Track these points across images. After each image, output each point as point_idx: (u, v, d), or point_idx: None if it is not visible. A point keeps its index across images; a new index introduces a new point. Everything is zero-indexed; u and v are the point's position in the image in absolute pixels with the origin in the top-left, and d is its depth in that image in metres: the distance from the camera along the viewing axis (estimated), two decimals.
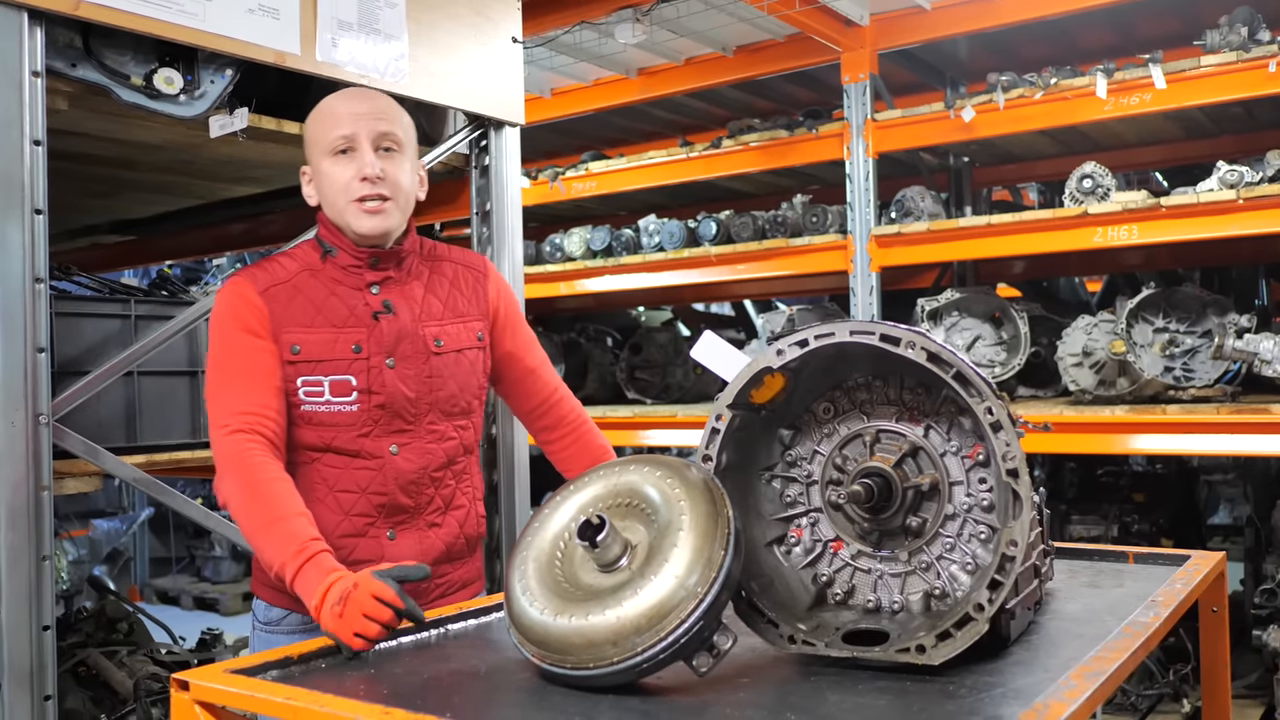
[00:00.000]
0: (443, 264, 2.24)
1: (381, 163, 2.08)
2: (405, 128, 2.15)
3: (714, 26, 4.93)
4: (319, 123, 2.13)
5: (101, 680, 3.34)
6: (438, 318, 2.16)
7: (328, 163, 2.10)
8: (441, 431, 2.15)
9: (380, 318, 2.10)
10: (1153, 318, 4.34)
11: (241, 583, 8.15)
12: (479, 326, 2.23)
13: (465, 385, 2.18)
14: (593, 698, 1.48)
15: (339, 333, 2.07)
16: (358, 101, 2.13)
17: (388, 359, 2.08)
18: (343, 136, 2.08)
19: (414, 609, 1.74)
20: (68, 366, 2.65)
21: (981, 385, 1.52)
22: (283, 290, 2.08)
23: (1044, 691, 1.38)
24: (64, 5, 2.33)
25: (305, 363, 2.05)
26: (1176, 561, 2.20)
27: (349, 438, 2.07)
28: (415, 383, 2.11)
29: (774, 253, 5.13)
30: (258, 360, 2.02)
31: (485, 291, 2.26)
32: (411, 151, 2.16)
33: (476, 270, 2.28)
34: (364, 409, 2.07)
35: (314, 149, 2.14)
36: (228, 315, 2.06)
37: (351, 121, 2.08)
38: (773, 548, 1.76)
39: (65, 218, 4.50)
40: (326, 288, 2.10)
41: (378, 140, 2.09)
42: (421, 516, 2.14)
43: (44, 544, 2.32)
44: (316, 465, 2.08)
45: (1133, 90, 4.22)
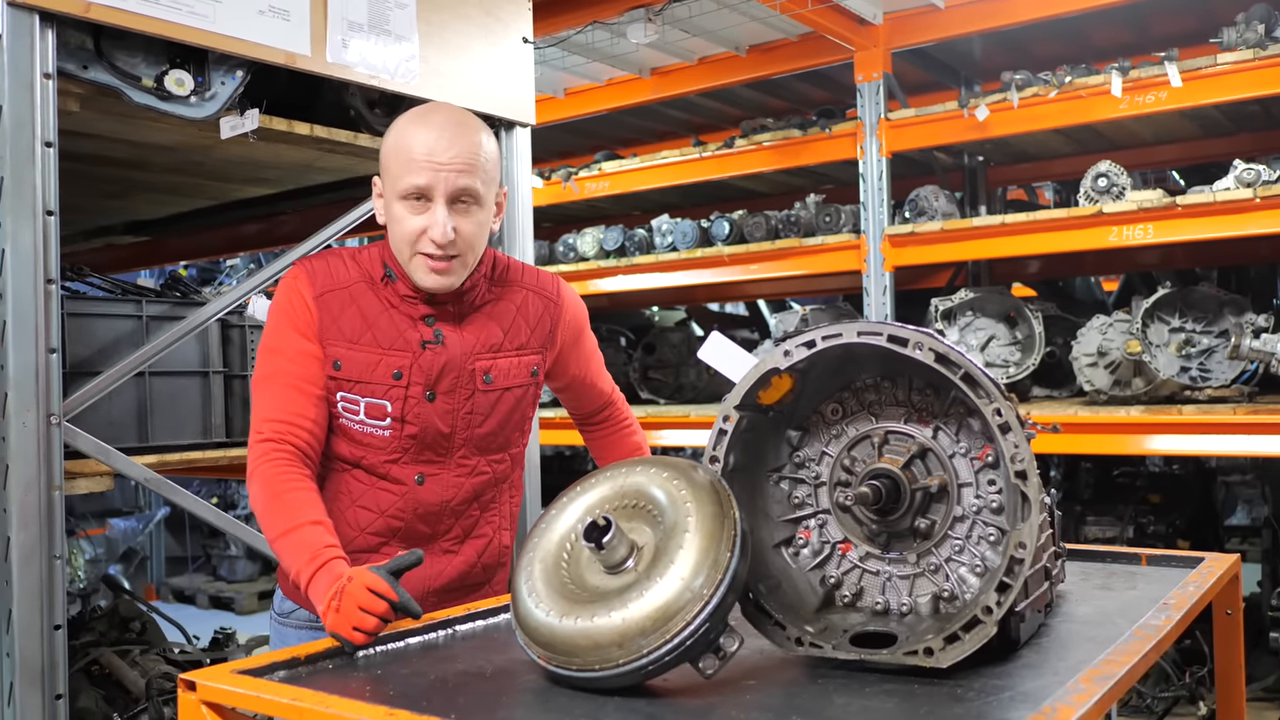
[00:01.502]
0: (513, 289, 2.13)
1: (455, 219, 1.93)
2: (488, 171, 1.98)
3: (727, 26, 4.92)
4: (394, 157, 1.96)
5: (114, 679, 3.35)
6: (493, 350, 2.07)
7: (398, 205, 1.96)
8: (473, 466, 2.09)
9: (428, 347, 2.02)
10: (1169, 317, 4.32)
11: (257, 582, 8.18)
12: (535, 361, 2.14)
13: (506, 422, 2.11)
14: (598, 700, 1.48)
15: (384, 355, 2.00)
16: (442, 144, 1.92)
17: (428, 392, 2.01)
18: (416, 187, 1.93)
19: (408, 602, 1.73)
20: (80, 367, 2.66)
21: (990, 387, 1.51)
22: (337, 298, 2.01)
23: (1053, 695, 1.37)
24: (75, 7, 2.34)
25: (345, 380, 2.00)
26: (1190, 564, 2.18)
27: (378, 460, 2.04)
28: (452, 418, 2.04)
29: (787, 252, 5.12)
30: (301, 364, 1.98)
31: (556, 322, 2.16)
32: (491, 195, 2.01)
33: (547, 298, 2.16)
34: (395, 436, 2.02)
35: (386, 179, 2.00)
36: (284, 309, 2.01)
37: (429, 172, 1.91)
38: (780, 549, 1.75)
39: (79, 219, 4.52)
40: (380, 306, 2.03)
41: (455, 195, 1.93)
42: (437, 543, 2.10)
43: (55, 543, 2.33)
44: (345, 476, 2.06)
45: (1148, 88, 4.19)
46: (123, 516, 8.24)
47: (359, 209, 3.09)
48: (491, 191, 2.01)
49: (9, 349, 2.30)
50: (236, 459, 2.96)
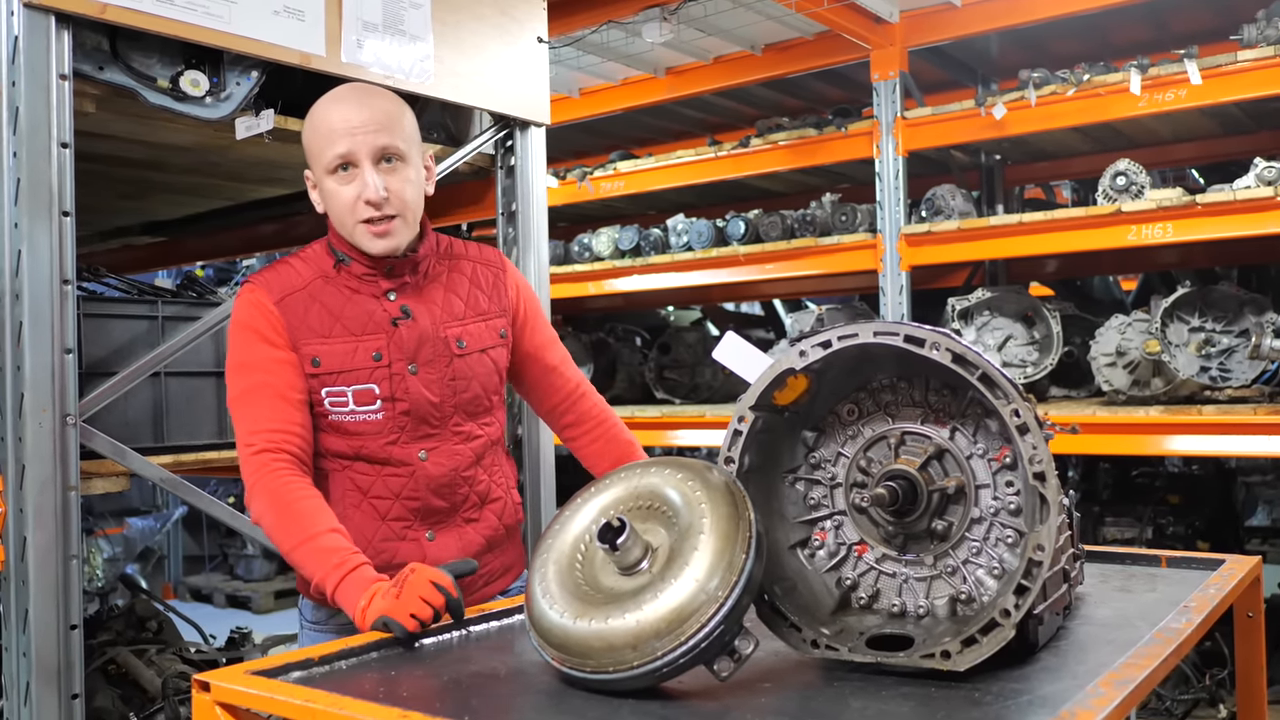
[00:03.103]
0: (461, 262, 2.19)
1: (384, 178, 1.99)
2: (407, 130, 2.05)
3: (742, 25, 4.91)
4: (314, 136, 2.02)
5: (130, 678, 3.37)
6: (459, 318, 2.13)
7: (329, 181, 2.01)
8: (468, 432, 2.13)
9: (399, 324, 2.06)
10: (1188, 317, 4.28)
11: (273, 581, 8.21)
12: (501, 324, 2.19)
13: (488, 385, 2.16)
14: (613, 702, 1.47)
15: (358, 341, 2.03)
16: (353, 110, 2.00)
17: (410, 365, 2.05)
18: (340, 155, 1.98)
19: (459, 605, 1.79)
20: (96, 367, 2.67)
21: (1008, 387, 1.49)
22: (298, 299, 2.03)
23: (1072, 699, 1.36)
24: (91, 8, 2.35)
25: (327, 374, 2.02)
26: (1211, 566, 2.15)
27: (377, 445, 2.05)
28: (439, 387, 2.08)
29: (803, 252, 5.11)
30: (278, 373, 2.00)
31: (505, 288, 2.22)
32: (416, 152, 2.06)
33: (495, 267, 2.23)
34: (389, 416, 2.05)
35: (313, 161, 2.05)
36: (246, 324, 2.03)
37: (348, 138, 1.97)
38: (796, 551, 1.74)
39: (96, 220, 4.55)
40: (342, 295, 2.06)
41: (378, 154, 1.99)
42: (458, 514, 2.14)
43: (71, 543, 2.33)
44: (348, 472, 2.07)
45: (1167, 86, 4.15)
46: (140, 516, 8.28)
47: None
48: (415, 151, 2.05)
49: (25, 349, 2.31)
50: None
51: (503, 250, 3.44)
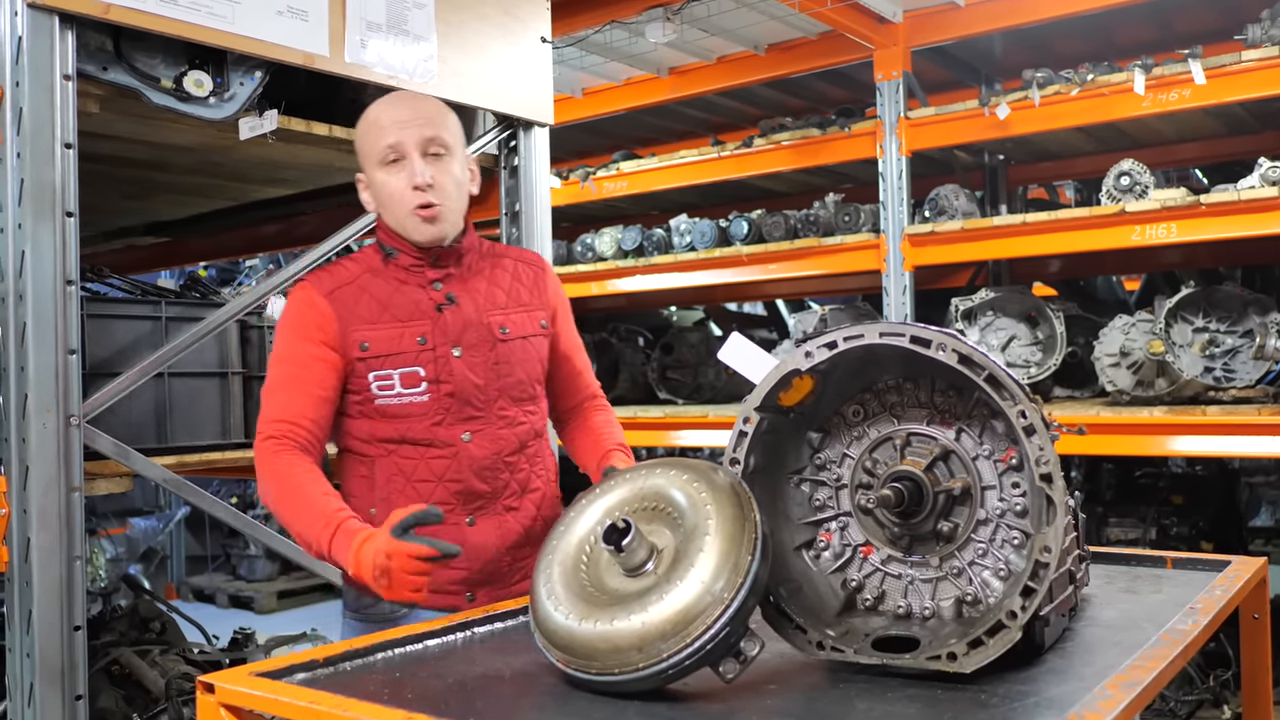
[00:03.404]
0: (503, 259, 2.30)
1: (431, 169, 2.12)
2: (452, 128, 2.18)
3: (745, 25, 4.90)
4: (366, 133, 2.17)
5: (134, 679, 3.36)
6: (502, 307, 2.22)
7: (380, 173, 2.14)
8: (511, 417, 2.20)
9: (444, 309, 2.16)
10: (1192, 317, 4.28)
11: (276, 581, 8.20)
12: (542, 315, 2.29)
13: (530, 372, 2.24)
14: (618, 704, 1.47)
15: (405, 326, 2.13)
16: (402, 108, 2.16)
17: (454, 348, 2.14)
18: (389, 146, 2.11)
19: (445, 547, 1.84)
20: (99, 368, 2.66)
21: (1014, 388, 1.49)
22: (348, 291, 2.14)
23: (1079, 701, 1.36)
24: (95, 9, 2.35)
25: (374, 358, 2.11)
26: (1216, 567, 2.15)
27: (422, 428, 2.13)
28: (483, 370, 2.17)
29: (806, 252, 5.10)
30: (305, 369, 2.09)
31: (545, 285, 2.32)
32: (460, 150, 2.19)
33: (536, 266, 2.34)
34: (434, 398, 2.13)
35: (365, 159, 2.18)
36: (288, 323, 2.14)
37: (397, 130, 2.11)
38: (801, 552, 1.73)
39: (100, 220, 4.54)
40: (390, 286, 2.16)
41: (424, 146, 2.12)
42: (499, 501, 2.19)
43: (75, 544, 2.33)
44: (393, 457, 2.14)
45: (1171, 86, 4.15)
46: (143, 516, 8.27)
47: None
48: (460, 149, 2.19)
49: (29, 350, 2.31)
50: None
51: None
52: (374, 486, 2.15)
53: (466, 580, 2.15)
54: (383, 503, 2.12)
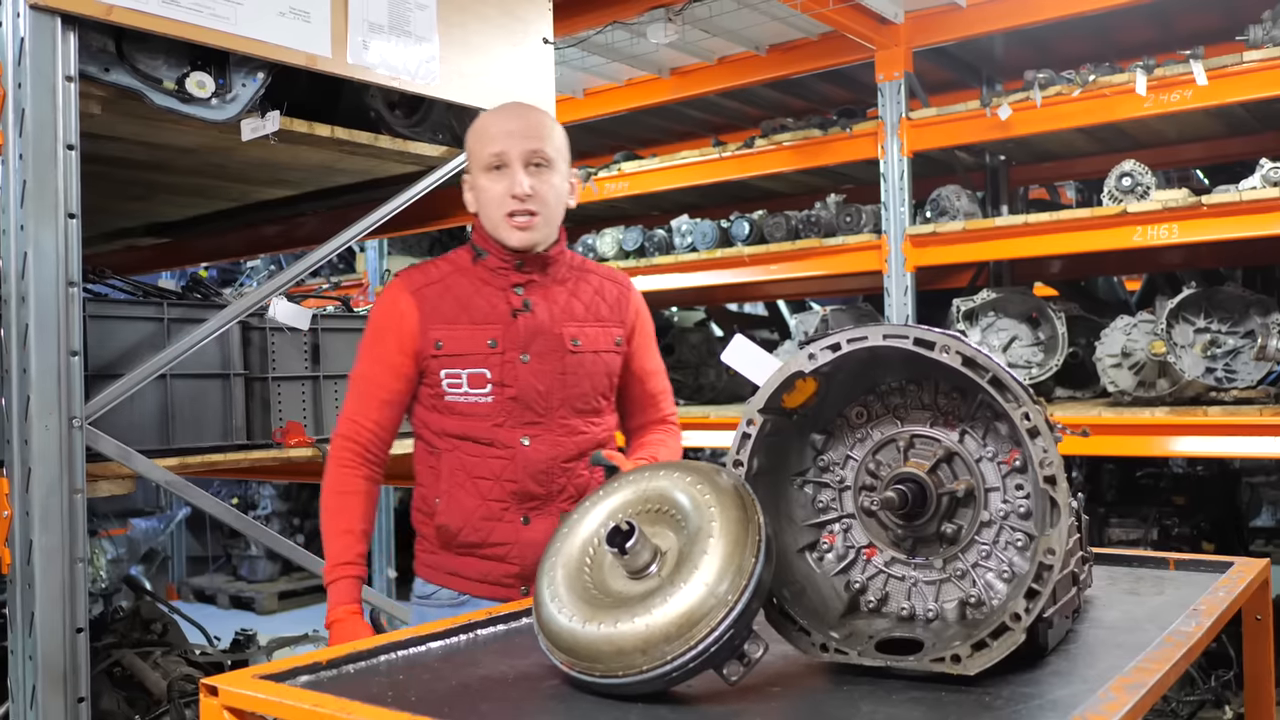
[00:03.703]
0: (589, 275, 2.38)
1: (531, 180, 2.21)
2: (556, 142, 2.27)
3: (747, 25, 4.90)
4: (476, 139, 2.28)
5: (136, 681, 3.36)
6: (579, 319, 2.30)
7: (484, 178, 2.25)
8: (573, 426, 2.28)
9: (518, 315, 2.25)
10: (1194, 318, 4.27)
11: (277, 582, 8.20)
12: (618, 332, 2.36)
13: (597, 385, 2.31)
14: (622, 706, 1.46)
15: (478, 329, 2.23)
16: (511, 119, 2.26)
17: (522, 354, 2.23)
18: (495, 154, 2.22)
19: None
20: (102, 370, 2.66)
21: (1018, 390, 1.49)
22: (434, 290, 2.26)
23: (1083, 703, 1.35)
24: (97, 10, 2.34)
25: (447, 356, 2.22)
26: (1219, 568, 2.15)
27: (484, 427, 2.23)
28: (548, 378, 2.25)
29: (807, 253, 5.10)
30: (374, 372, 2.26)
31: (628, 304, 2.39)
32: (562, 164, 2.29)
33: (621, 285, 2.42)
34: (498, 400, 2.23)
35: (472, 162, 2.29)
36: (372, 322, 2.30)
37: (504, 139, 2.22)
38: (804, 554, 1.73)
39: (101, 221, 4.54)
40: (473, 287, 2.26)
41: (528, 158, 2.22)
42: (554, 503, 2.27)
43: (77, 546, 2.33)
44: (457, 453, 2.25)
45: (1173, 87, 4.15)
46: (144, 516, 8.27)
47: (381, 210, 3.09)
48: (563, 161, 2.29)
49: (31, 352, 2.31)
50: (258, 461, 2.96)
51: None
52: (439, 478, 2.27)
53: (520, 575, 2.26)
54: (445, 494, 2.26)
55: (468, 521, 2.24)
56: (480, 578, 2.28)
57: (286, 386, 3.08)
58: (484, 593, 2.26)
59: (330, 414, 3.20)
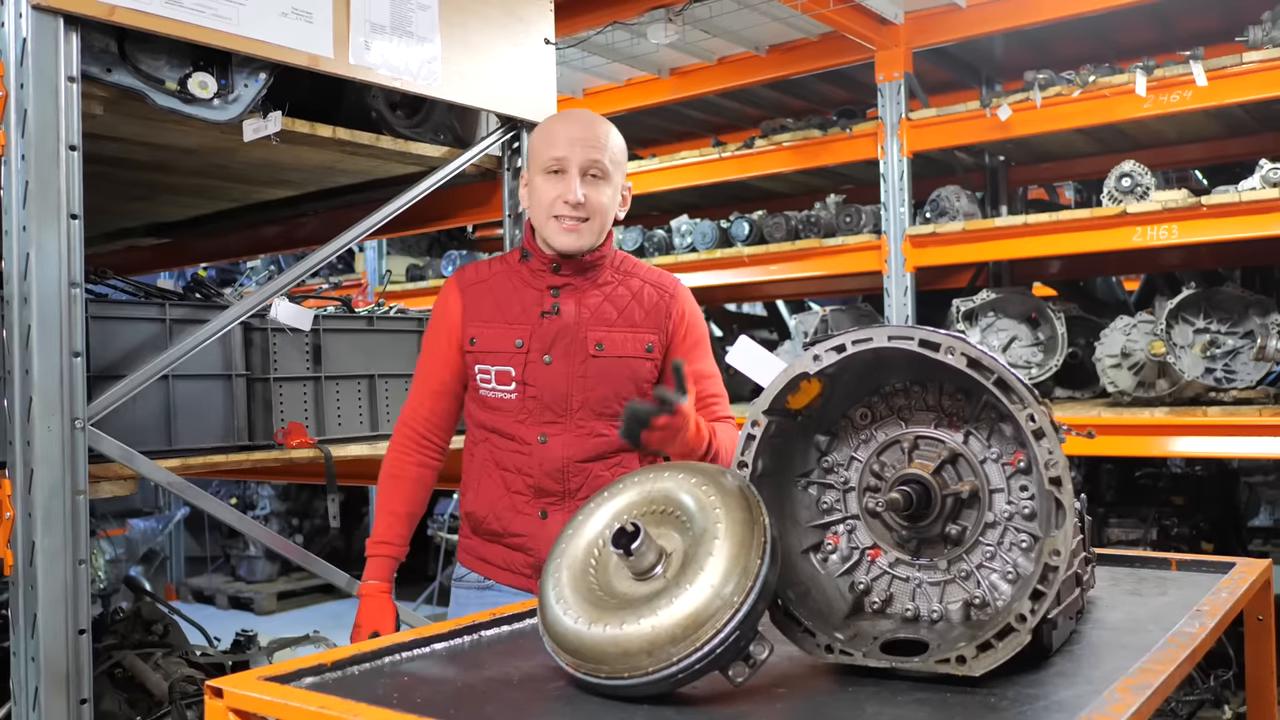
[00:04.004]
0: (631, 279, 2.41)
1: (585, 188, 2.28)
2: (614, 156, 2.33)
3: (747, 26, 4.91)
4: (540, 139, 2.35)
5: (137, 682, 3.36)
6: (608, 324, 2.34)
7: (540, 178, 2.31)
8: (593, 428, 2.32)
9: (546, 317, 2.32)
10: (1193, 318, 4.28)
11: (276, 582, 8.19)
12: (649, 339, 2.37)
13: (621, 390, 2.33)
14: (628, 708, 1.46)
15: (509, 328, 2.32)
16: (576, 126, 2.32)
17: (545, 355, 2.30)
18: (555, 158, 2.29)
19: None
20: (104, 371, 2.66)
21: (1023, 391, 1.49)
22: (479, 289, 2.37)
23: (1089, 705, 1.35)
24: (99, 11, 2.34)
25: (479, 352, 2.33)
26: (1221, 569, 2.15)
27: (508, 422, 2.33)
28: (568, 380, 2.30)
29: (807, 253, 5.11)
30: (428, 364, 2.40)
31: (669, 310, 2.40)
32: (618, 176, 2.35)
33: (665, 291, 2.43)
34: (520, 398, 2.31)
35: (532, 162, 2.36)
36: (432, 316, 2.43)
37: (566, 145, 2.28)
38: (809, 555, 1.73)
39: (102, 221, 4.54)
40: (514, 287, 2.36)
41: (586, 166, 2.28)
42: (571, 500, 2.31)
43: (80, 548, 2.33)
44: (488, 444, 2.36)
45: (1173, 88, 4.16)
46: (143, 517, 8.25)
47: (383, 210, 3.09)
48: (618, 173, 2.35)
49: (33, 353, 2.31)
50: (259, 462, 2.96)
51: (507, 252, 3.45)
52: (472, 466, 2.40)
53: (537, 566, 2.31)
54: (475, 483, 2.38)
55: (492, 510, 2.34)
56: (503, 565, 2.36)
57: (288, 387, 3.08)
58: (507, 580, 2.36)
59: (331, 415, 3.20)
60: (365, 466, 3.36)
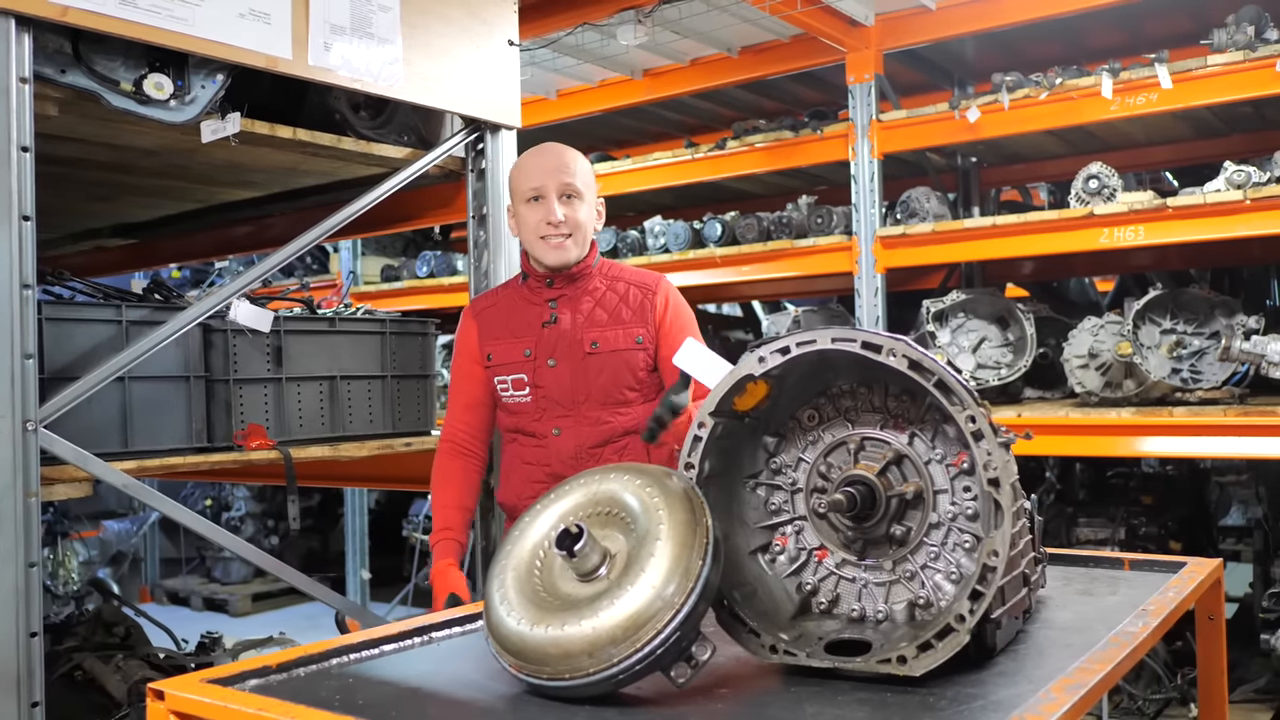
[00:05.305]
0: (618, 282, 2.70)
1: (563, 208, 2.59)
2: (584, 179, 2.65)
3: (717, 27, 4.90)
4: (517, 175, 2.68)
5: (97, 685, 3.34)
6: (600, 325, 2.64)
7: (523, 207, 2.63)
8: (598, 417, 2.62)
9: (546, 327, 2.64)
10: (1160, 319, 4.30)
11: (251, 584, 8.15)
12: (639, 332, 2.65)
13: (619, 379, 2.62)
14: (569, 709, 1.47)
15: (518, 341, 2.65)
16: (547, 158, 2.65)
17: (549, 360, 2.62)
18: (533, 188, 2.61)
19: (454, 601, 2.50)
20: (60, 373, 2.63)
21: (963, 393, 1.50)
22: (490, 312, 2.72)
23: (1023, 704, 1.36)
24: (51, 11, 2.32)
25: (496, 365, 2.66)
26: (1173, 569, 2.17)
27: (527, 421, 2.65)
28: (572, 377, 2.61)
29: (779, 254, 5.11)
30: (461, 383, 2.73)
31: (652, 306, 2.67)
32: (589, 195, 2.67)
33: (647, 289, 2.69)
34: (534, 399, 2.63)
35: (514, 195, 2.68)
36: (455, 344, 2.77)
37: (540, 175, 2.61)
38: (757, 556, 1.74)
39: (67, 221, 4.51)
40: (517, 306, 2.69)
41: (561, 190, 2.60)
42: None
43: (31, 551, 2.31)
44: (515, 444, 2.70)
45: (1139, 90, 4.18)
46: (117, 518, 8.21)
47: (343, 212, 3.09)
48: (589, 192, 2.67)
49: None
50: (218, 464, 2.95)
51: (472, 253, 3.45)
52: (505, 464, 2.73)
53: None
54: (503, 477, 2.74)
55: (520, 499, 2.62)
56: None
57: (248, 389, 3.06)
58: None
59: (293, 416, 3.18)
60: (327, 468, 3.36)
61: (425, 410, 3.60)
